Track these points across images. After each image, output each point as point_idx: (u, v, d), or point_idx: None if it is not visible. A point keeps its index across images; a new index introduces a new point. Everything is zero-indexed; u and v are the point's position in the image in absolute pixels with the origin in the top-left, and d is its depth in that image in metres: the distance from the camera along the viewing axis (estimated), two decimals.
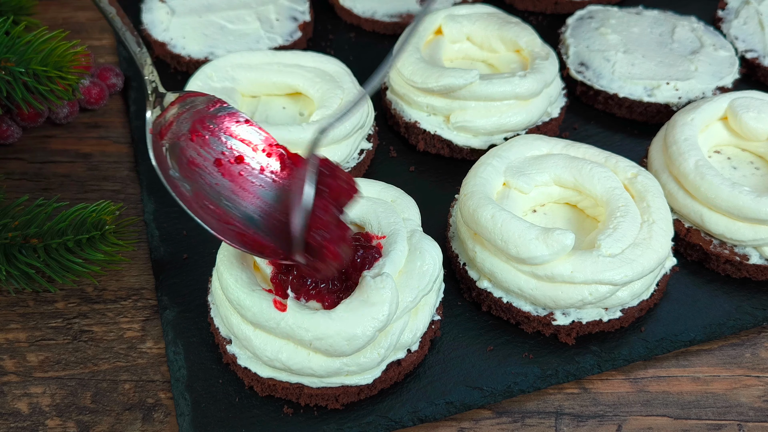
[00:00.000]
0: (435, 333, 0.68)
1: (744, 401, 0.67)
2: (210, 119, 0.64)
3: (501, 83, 0.80)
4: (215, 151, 0.63)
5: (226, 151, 0.63)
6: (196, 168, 0.61)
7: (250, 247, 0.59)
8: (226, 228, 0.60)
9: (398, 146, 0.87)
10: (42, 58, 0.70)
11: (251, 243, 0.59)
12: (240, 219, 0.60)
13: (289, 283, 0.61)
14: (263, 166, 0.64)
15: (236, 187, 0.62)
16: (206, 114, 0.64)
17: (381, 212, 0.66)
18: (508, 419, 0.65)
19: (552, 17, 1.04)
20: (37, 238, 0.68)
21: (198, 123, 0.63)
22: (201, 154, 0.62)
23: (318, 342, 0.59)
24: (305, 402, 0.64)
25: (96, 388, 0.67)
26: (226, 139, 0.64)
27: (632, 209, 0.69)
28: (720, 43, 0.92)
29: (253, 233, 0.60)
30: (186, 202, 0.60)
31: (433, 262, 0.64)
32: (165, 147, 0.61)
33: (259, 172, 0.63)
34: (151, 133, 0.61)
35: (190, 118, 0.64)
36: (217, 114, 0.65)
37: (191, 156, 0.62)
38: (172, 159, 0.61)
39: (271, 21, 0.96)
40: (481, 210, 0.67)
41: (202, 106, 0.65)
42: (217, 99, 0.65)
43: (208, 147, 0.63)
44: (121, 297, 0.73)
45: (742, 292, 0.73)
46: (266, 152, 0.64)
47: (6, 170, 0.84)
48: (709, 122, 0.78)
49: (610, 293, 0.66)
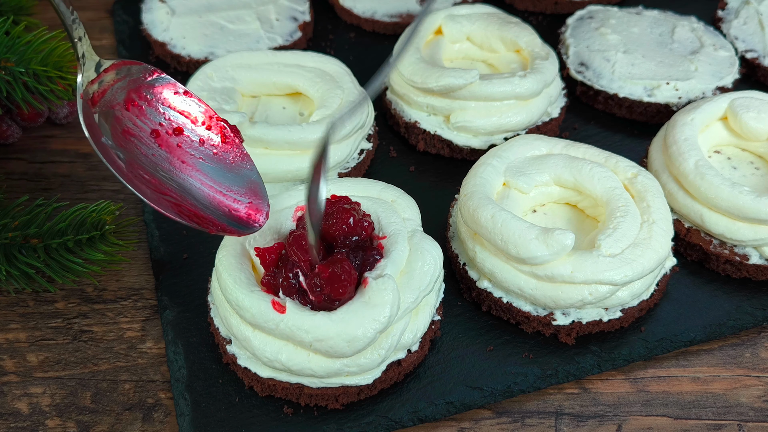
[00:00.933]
0: (435, 333, 0.68)
1: (744, 401, 0.67)
2: (147, 89, 0.63)
3: (501, 83, 0.80)
4: (152, 122, 0.62)
5: (163, 122, 0.63)
6: (132, 138, 0.61)
7: (186, 218, 0.59)
8: (161, 197, 0.59)
9: (398, 146, 0.87)
10: (42, 58, 0.70)
11: (188, 213, 0.59)
12: (176, 190, 0.60)
13: (280, 287, 0.61)
14: (203, 138, 0.63)
15: (173, 158, 0.62)
16: (143, 83, 0.63)
17: (382, 212, 0.66)
18: (508, 419, 0.65)
19: (552, 17, 1.04)
20: (37, 238, 0.68)
21: (134, 92, 0.63)
22: (137, 124, 0.62)
23: (318, 343, 0.59)
24: (305, 402, 0.64)
25: (96, 388, 0.67)
26: (164, 110, 0.63)
27: (632, 209, 0.69)
28: (720, 43, 0.92)
29: (190, 204, 0.60)
30: (118, 170, 0.59)
31: (434, 263, 0.64)
32: (96, 114, 0.60)
33: (198, 144, 0.63)
34: (82, 98, 0.60)
35: (125, 87, 0.63)
36: (154, 84, 0.64)
37: (126, 126, 0.61)
38: (105, 127, 0.60)
39: (271, 21, 0.96)
40: (481, 210, 0.67)
41: (139, 75, 0.64)
42: (154, 69, 0.64)
43: (145, 117, 0.62)
44: (121, 297, 0.73)
45: (742, 292, 0.73)
46: (206, 125, 0.64)
47: (6, 170, 0.84)
48: (709, 122, 0.78)
49: (610, 293, 0.66)
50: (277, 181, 0.77)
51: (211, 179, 0.62)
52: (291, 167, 0.76)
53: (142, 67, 0.64)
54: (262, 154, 0.76)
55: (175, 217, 0.59)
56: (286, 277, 0.60)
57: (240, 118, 0.74)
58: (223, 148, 0.63)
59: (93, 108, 0.60)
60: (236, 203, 0.62)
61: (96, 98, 0.61)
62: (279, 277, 0.61)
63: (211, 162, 0.63)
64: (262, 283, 0.62)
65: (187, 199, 0.60)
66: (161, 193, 0.60)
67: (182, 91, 0.64)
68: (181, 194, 0.60)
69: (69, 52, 0.72)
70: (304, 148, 0.76)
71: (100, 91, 0.62)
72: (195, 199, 0.60)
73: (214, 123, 0.64)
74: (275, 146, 0.75)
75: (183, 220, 0.59)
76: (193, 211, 0.60)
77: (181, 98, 0.64)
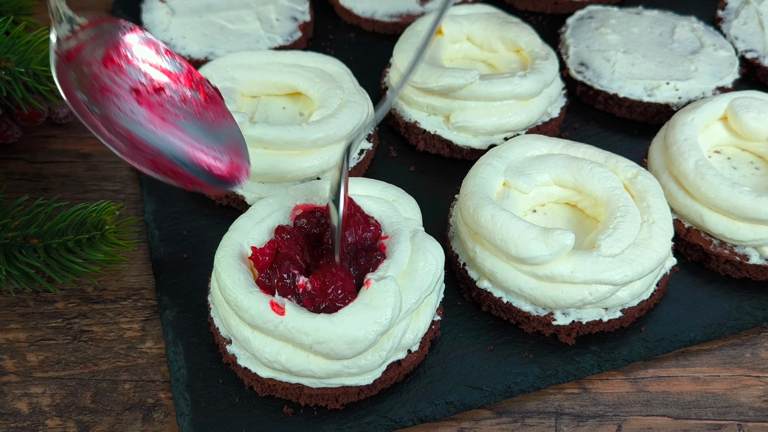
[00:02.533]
0: (435, 333, 0.68)
1: (744, 401, 0.67)
2: (127, 47, 0.63)
3: (501, 83, 0.80)
4: (132, 80, 0.62)
5: (144, 80, 0.63)
6: (109, 94, 0.61)
7: (162, 173, 0.59)
8: (137, 153, 0.59)
9: (398, 146, 0.87)
10: (42, 58, 0.70)
11: (163, 169, 0.59)
12: (154, 147, 0.60)
13: (276, 288, 0.61)
14: (184, 96, 0.63)
15: (154, 116, 0.61)
16: (121, 41, 0.63)
17: (383, 212, 0.66)
18: (508, 419, 0.65)
19: (552, 17, 1.04)
20: (37, 238, 0.68)
21: (112, 50, 0.62)
22: (116, 81, 0.61)
23: (318, 346, 0.58)
24: (305, 402, 0.64)
25: (96, 388, 0.67)
26: (145, 69, 0.63)
27: (632, 209, 0.69)
28: (720, 43, 0.92)
29: (167, 161, 0.60)
30: (93, 125, 0.58)
31: (435, 263, 0.64)
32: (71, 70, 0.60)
33: (180, 102, 0.63)
34: (56, 53, 0.59)
35: (103, 44, 0.62)
36: (134, 42, 0.64)
37: (104, 82, 0.61)
38: (80, 82, 0.60)
39: (271, 21, 0.96)
40: (481, 210, 0.67)
41: (117, 32, 0.63)
42: (133, 25, 0.64)
43: (124, 75, 0.62)
44: (121, 297, 0.73)
45: (742, 292, 0.73)
46: (187, 83, 0.64)
47: (6, 170, 0.84)
48: (709, 122, 0.78)
49: (610, 293, 0.66)
50: (277, 181, 0.77)
51: (192, 137, 0.62)
52: (291, 167, 0.76)
53: (119, 24, 0.64)
54: (262, 154, 0.76)
55: (150, 172, 0.58)
56: (280, 277, 0.60)
57: (240, 118, 0.74)
58: (204, 107, 0.63)
59: (69, 63, 0.60)
60: (216, 161, 0.62)
61: (72, 54, 0.60)
62: (274, 278, 0.61)
63: (191, 120, 0.63)
64: (258, 284, 0.62)
65: (165, 155, 0.60)
66: (137, 149, 0.59)
67: (164, 49, 0.64)
68: (158, 151, 0.60)
69: None
70: (304, 148, 0.76)
71: (76, 47, 0.61)
72: (174, 156, 0.60)
73: (196, 82, 0.64)
74: (275, 146, 0.75)
75: (158, 175, 0.58)
76: (170, 168, 0.59)
77: (162, 57, 0.64)
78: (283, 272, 0.60)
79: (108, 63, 0.61)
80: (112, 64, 0.62)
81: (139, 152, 0.59)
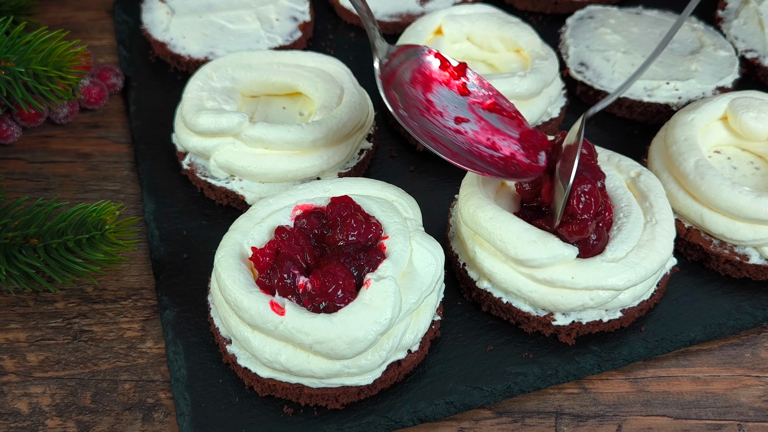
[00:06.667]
0: (435, 333, 0.68)
1: (744, 401, 0.67)
2: (428, 67, 0.71)
3: (501, 83, 0.80)
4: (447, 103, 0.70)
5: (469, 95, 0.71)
6: (418, 111, 0.69)
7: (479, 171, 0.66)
8: (454, 156, 0.66)
9: (398, 146, 0.87)
10: (42, 58, 0.70)
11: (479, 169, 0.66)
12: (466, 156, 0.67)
13: (276, 288, 0.61)
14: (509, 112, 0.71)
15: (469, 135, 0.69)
16: (423, 63, 0.71)
17: (383, 212, 0.66)
18: (508, 419, 0.65)
19: (552, 17, 1.04)
20: (37, 238, 0.68)
21: (417, 72, 0.71)
22: (420, 100, 0.70)
23: (318, 346, 0.58)
24: (305, 402, 0.64)
25: (96, 388, 0.67)
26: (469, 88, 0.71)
27: (635, 209, 0.69)
28: (720, 43, 0.92)
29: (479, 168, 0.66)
30: (417, 134, 0.66)
31: (435, 263, 0.64)
32: (395, 91, 0.69)
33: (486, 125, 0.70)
34: (381, 78, 0.68)
35: (409, 68, 0.71)
36: (433, 64, 0.71)
37: (415, 103, 0.69)
38: (401, 100, 0.68)
39: (271, 21, 0.96)
40: (480, 210, 0.67)
41: (418, 56, 0.71)
42: (429, 48, 0.72)
43: (431, 93, 0.70)
44: (121, 297, 0.73)
45: (742, 292, 0.73)
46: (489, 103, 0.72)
47: (6, 170, 0.84)
48: (709, 122, 0.78)
49: (611, 298, 0.65)
50: (277, 181, 0.77)
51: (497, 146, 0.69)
52: (291, 167, 0.76)
53: (419, 49, 0.72)
54: (262, 154, 0.76)
55: (468, 168, 0.65)
56: (281, 278, 0.60)
57: (240, 118, 0.74)
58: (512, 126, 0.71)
59: (389, 86, 0.69)
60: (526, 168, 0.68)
61: (389, 78, 0.69)
62: (274, 278, 0.61)
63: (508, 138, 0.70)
64: (258, 284, 0.62)
65: (476, 163, 0.67)
66: (453, 153, 0.66)
67: (475, 77, 0.72)
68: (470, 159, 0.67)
69: (69, 52, 0.72)
70: (304, 148, 0.76)
71: (392, 71, 0.70)
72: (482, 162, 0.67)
73: (507, 110, 0.71)
74: (275, 146, 0.75)
75: (476, 171, 0.66)
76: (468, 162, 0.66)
77: (471, 79, 0.72)
78: (284, 272, 0.60)
79: (414, 83, 0.70)
80: (417, 84, 0.70)
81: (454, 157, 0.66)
